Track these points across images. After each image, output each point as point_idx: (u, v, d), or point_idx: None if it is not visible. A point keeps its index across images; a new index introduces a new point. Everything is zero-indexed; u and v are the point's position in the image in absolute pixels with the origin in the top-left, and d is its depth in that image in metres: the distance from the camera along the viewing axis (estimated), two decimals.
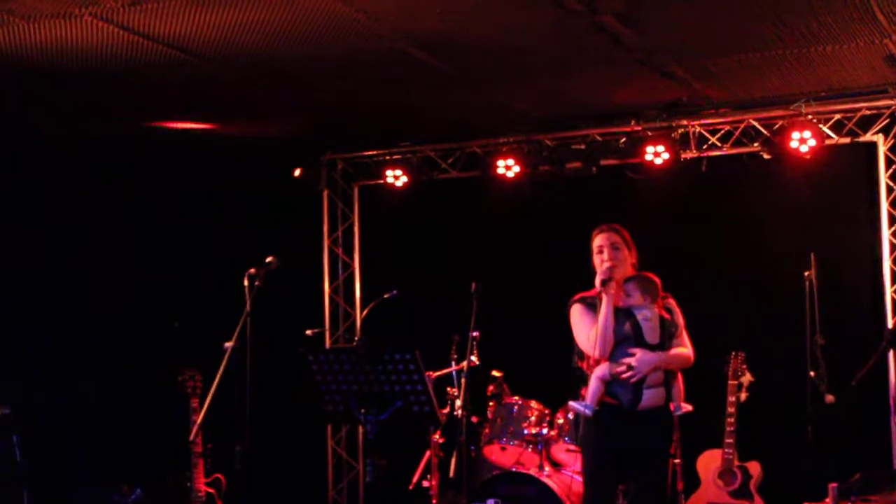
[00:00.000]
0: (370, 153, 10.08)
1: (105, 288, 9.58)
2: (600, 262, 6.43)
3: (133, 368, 9.50)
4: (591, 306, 6.38)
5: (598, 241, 6.49)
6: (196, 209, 9.93)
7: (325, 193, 10.37)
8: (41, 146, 9.19)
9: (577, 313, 6.47)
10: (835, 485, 6.87)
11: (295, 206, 10.18)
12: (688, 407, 6.43)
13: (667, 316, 6.38)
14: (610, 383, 6.25)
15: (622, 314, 6.29)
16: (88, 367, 9.32)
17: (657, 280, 6.41)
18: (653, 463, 6.36)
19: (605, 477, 6.39)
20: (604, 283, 6.26)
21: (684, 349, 6.43)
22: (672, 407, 6.37)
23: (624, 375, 6.19)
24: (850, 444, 7.83)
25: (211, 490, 8.67)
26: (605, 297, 6.22)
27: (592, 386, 6.27)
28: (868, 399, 8.15)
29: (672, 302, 6.50)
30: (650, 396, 6.26)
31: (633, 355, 6.21)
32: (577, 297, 6.53)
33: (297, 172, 9.89)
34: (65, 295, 9.44)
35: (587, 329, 6.32)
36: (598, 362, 6.28)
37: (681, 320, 6.47)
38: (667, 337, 6.33)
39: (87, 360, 9.31)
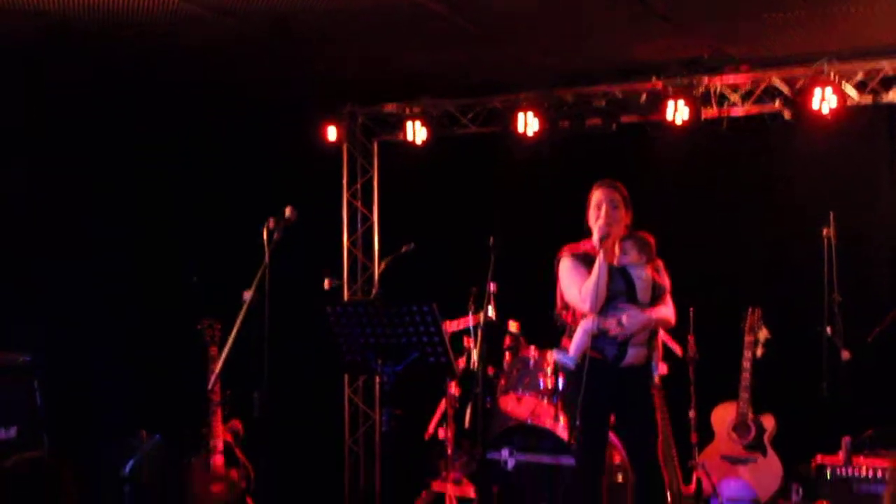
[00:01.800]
0: (390, 107, 10.08)
1: (126, 238, 9.63)
2: (596, 218, 6.46)
3: (153, 317, 9.57)
4: (582, 260, 6.42)
5: (597, 197, 6.52)
6: (217, 161, 9.95)
7: (345, 147, 10.38)
8: (71, 96, 9.23)
9: (567, 266, 6.52)
10: (848, 439, 6.93)
11: (314, 160, 10.20)
12: (662, 368, 6.54)
13: (657, 277, 6.43)
14: (596, 337, 6.28)
15: (617, 271, 6.34)
16: (109, 316, 9.38)
17: (652, 241, 6.45)
18: (639, 415, 6.42)
19: (592, 428, 6.37)
20: (602, 239, 6.29)
21: (668, 310, 6.48)
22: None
23: (613, 331, 6.24)
24: (864, 399, 7.86)
25: (228, 437, 8.76)
26: (601, 254, 6.25)
27: (578, 338, 6.31)
28: (883, 356, 8.18)
29: (660, 263, 6.56)
30: (634, 354, 6.32)
31: (623, 311, 6.26)
32: (567, 250, 6.57)
33: (333, 133, 9.91)
34: (86, 243, 9.49)
35: (578, 283, 6.37)
36: (583, 316, 6.32)
37: (667, 282, 6.51)
38: (656, 297, 6.39)
39: (108, 309, 9.38)
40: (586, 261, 6.39)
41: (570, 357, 6.35)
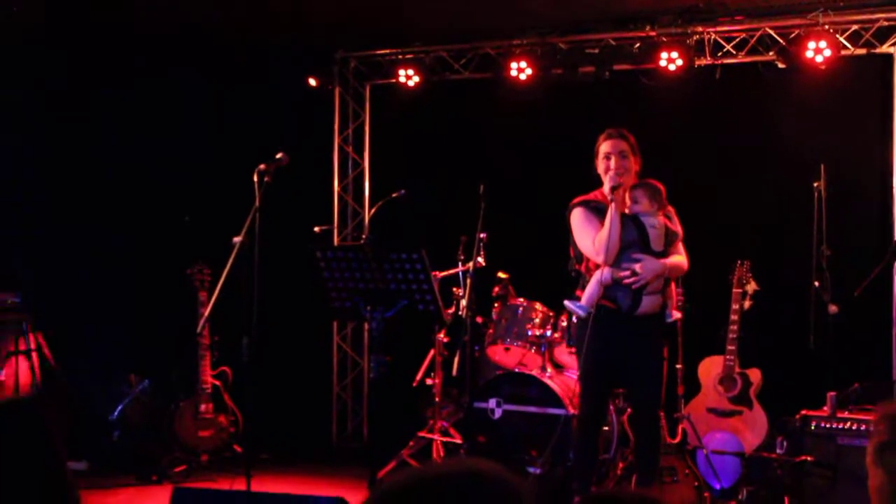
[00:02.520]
0: (383, 52, 10.02)
1: (117, 182, 9.59)
2: (606, 169, 6.43)
3: (143, 261, 9.56)
4: (595, 210, 6.40)
5: (606, 147, 6.48)
6: (208, 105, 9.90)
7: (337, 91, 10.33)
8: (63, 36, 9.16)
9: (579, 217, 6.49)
10: (833, 394, 6.95)
11: (306, 104, 10.15)
12: (678, 314, 6.54)
13: (670, 224, 6.41)
14: (609, 287, 6.29)
15: (629, 220, 6.31)
16: (98, 259, 9.37)
17: (663, 188, 6.43)
18: (649, 366, 6.45)
19: (600, 379, 6.48)
20: (613, 189, 6.26)
21: (681, 257, 6.49)
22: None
23: (628, 280, 6.24)
24: (851, 354, 7.88)
25: (217, 382, 8.79)
26: (613, 205, 6.23)
27: (591, 288, 6.32)
28: (870, 310, 8.20)
29: (672, 210, 6.54)
30: (648, 302, 6.32)
31: (637, 261, 6.26)
32: (578, 200, 6.54)
33: (312, 81, 9.84)
34: (76, 188, 9.46)
35: (591, 233, 6.35)
36: (597, 266, 6.32)
37: (679, 229, 6.51)
38: (669, 245, 6.38)
39: (98, 253, 9.37)
40: (598, 211, 6.38)
41: (582, 306, 6.35)
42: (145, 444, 8.76)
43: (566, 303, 6.60)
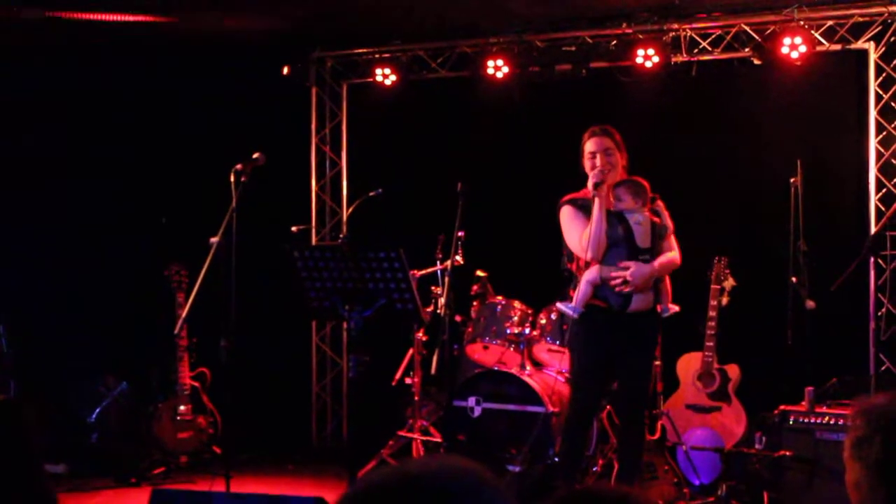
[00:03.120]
0: (360, 51, 10.00)
1: (93, 183, 9.55)
2: (592, 167, 6.43)
3: (119, 263, 9.52)
4: (582, 208, 6.40)
5: (591, 145, 6.48)
6: (184, 105, 9.86)
7: (314, 91, 10.30)
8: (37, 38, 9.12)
9: (567, 215, 6.49)
10: (811, 389, 6.98)
11: (283, 104, 10.12)
12: (675, 308, 6.52)
13: (656, 220, 6.42)
14: (599, 286, 6.30)
15: (614, 218, 6.32)
16: (75, 261, 9.33)
17: (646, 184, 6.44)
18: (638, 366, 6.46)
19: (594, 378, 6.49)
20: (596, 186, 6.27)
21: (672, 253, 6.49)
22: (659, 308, 6.45)
23: (618, 289, 6.25)
24: (829, 349, 7.91)
25: (196, 384, 8.76)
26: (597, 201, 6.24)
27: (581, 288, 6.32)
28: (848, 305, 8.24)
29: (661, 204, 6.54)
30: (639, 300, 6.32)
31: (625, 261, 6.26)
32: (567, 198, 6.55)
33: (285, 70, 9.82)
34: (53, 188, 9.42)
35: (578, 231, 6.35)
36: (587, 264, 6.33)
37: (669, 223, 6.51)
38: (657, 240, 6.38)
39: (75, 254, 9.32)
40: (585, 208, 6.37)
41: (573, 307, 6.35)
42: (124, 447, 8.71)
43: (558, 304, 6.61)
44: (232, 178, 6.31)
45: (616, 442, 7.22)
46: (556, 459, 7.05)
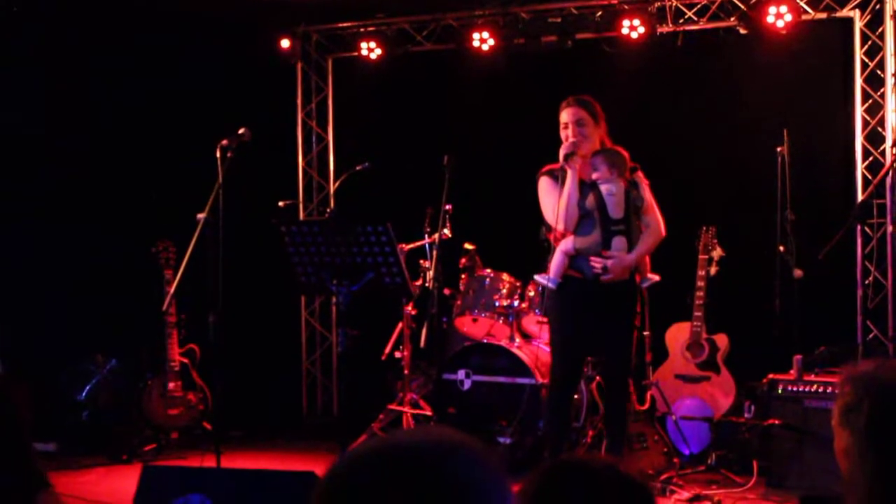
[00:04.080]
0: (345, 25, 9.96)
1: (79, 159, 9.50)
2: (565, 138, 6.44)
3: (107, 240, 9.47)
4: (558, 179, 6.39)
5: (564, 116, 6.48)
6: (169, 81, 9.81)
7: (299, 66, 10.27)
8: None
9: (543, 186, 6.50)
10: (799, 357, 7.00)
11: (268, 79, 10.08)
12: (654, 277, 6.53)
13: (634, 191, 6.40)
14: (574, 257, 6.31)
15: (587, 188, 6.32)
16: (63, 239, 9.28)
17: (625, 153, 6.42)
18: (618, 334, 6.46)
19: (571, 348, 6.50)
20: (566, 157, 6.27)
21: (653, 229, 6.47)
22: (638, 279, 6.46)
23: (595, 270, 6.25)
24: (817, 317, 7.93)
25: (185, 360, 8.75)
26: (568, 172, 6.24)
27: (556, 259, 6.33)
28: (835, 274, 8.26)
29: (640, 175, 6.52)
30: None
31: (598, 233, 6.26)
32: (545, 169, 6.55)
33: (286, 43, 9.79)
34: (39, 163, 9.36)
35: (552, 202, 6.35)
36: (563, 235, 6.33)
37: (648, 194, 6.48)
38: (632, 211, 6.36)
39: (62, 232, 9.28)
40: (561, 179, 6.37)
41: (551, 278, 6.36)
42: (114, 424, 8.72)
43: (536, 277, 6.62)
44: (218, 154, 6.30)
45: (602, 412, 7.26)
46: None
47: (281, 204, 8.77)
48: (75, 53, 9.37)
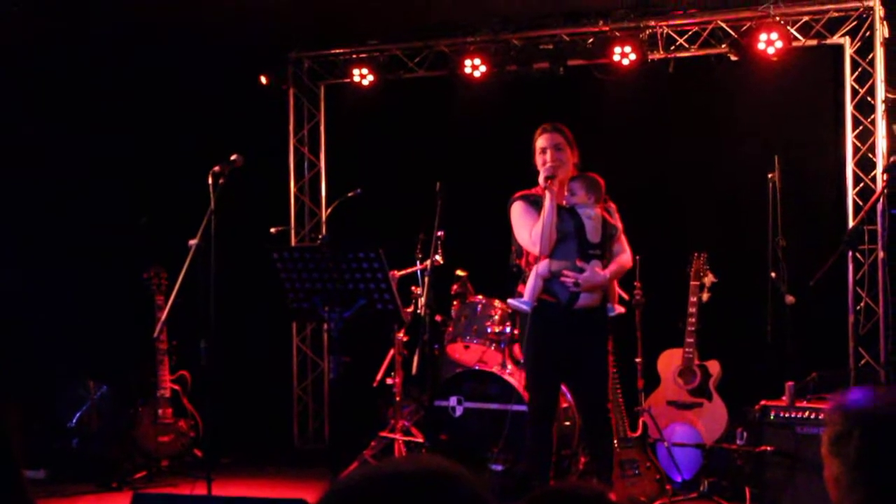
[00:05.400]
0: (337, 52, 9.99)
1: (71, 185, 9.50)
2: (542, 163, 6.48)
3: (98, 265, 9.46)
4: (534, 203, 6.43)
5: (542, 141, 6.53)
6: (162, 107, 9.82)
7: (291, 92, 10.29)
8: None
9: (518, 210, 6.52)
10: (791, 383, 6.99)
11: (261, 105, 10.09)
12: (620, 308, 6.58)
13: (609, 218, 6.44)
14: (549, 280, 6.32)
15: (565, 212, 6.35)
16: (54, 264, 9.28)
17: (601, 181, 6.46)
18: (591, 361, 6.45)
19: (545, 373, 6.48)
20: (547, 179, 6.30)
21: (624, 256, 6.53)
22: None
23: (568, 283, 6.26)
24: (808, 343, 7.93)
25: (176, 387, 8.72)
26: (548, 195, 6.26)
27: (531, 282, 6.34)
28: (827, 300, 8.26)
29: (612, 206, 6.58)
30: (587, 297, 6.35)
31: (576, 257, 6.27)
32: (519, 194, 6.58)
33: (263, 80, 9.80)
34: (29, 190, 9.36)
35: (529, 226, 6.37)
36: (537, 259, 6.34)
37: (619, 224, 6.53)
38: (607, 238, 6.40)
39: (53, 257, 9.27)
40: (537, 204, 6.39)
41: (525, 301, 6.36)
42: (105, 451, 8.67)
43: (510, 301, 6.61)
44: (210, 180, 6.29)
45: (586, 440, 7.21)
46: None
47: (273, 230, 8.77)
48: (70, 77, 9.39)
